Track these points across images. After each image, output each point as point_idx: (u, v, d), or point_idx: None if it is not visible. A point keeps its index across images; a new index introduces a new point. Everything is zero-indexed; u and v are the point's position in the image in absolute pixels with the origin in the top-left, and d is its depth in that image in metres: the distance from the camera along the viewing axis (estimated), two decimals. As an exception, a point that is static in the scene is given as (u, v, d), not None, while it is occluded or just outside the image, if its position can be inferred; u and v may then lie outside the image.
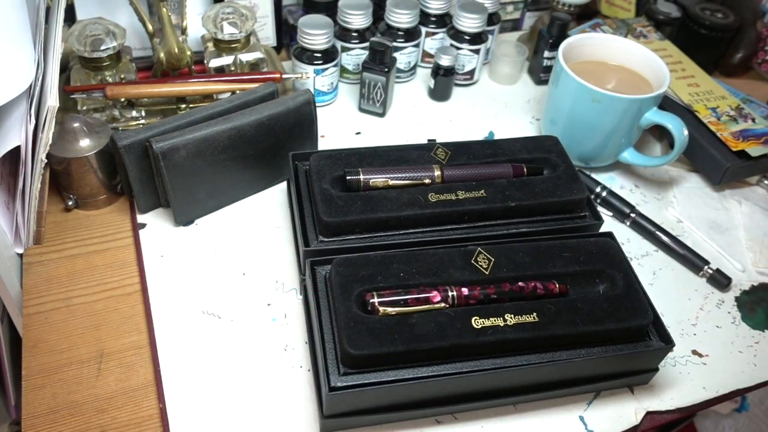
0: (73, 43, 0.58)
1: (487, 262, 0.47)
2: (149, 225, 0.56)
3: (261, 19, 0.72)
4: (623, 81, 0.65)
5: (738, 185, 0.68)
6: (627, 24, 0.78)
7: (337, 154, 0.54)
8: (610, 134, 0.62)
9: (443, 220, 0.51)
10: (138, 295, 0.51)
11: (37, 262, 0.53)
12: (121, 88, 0.58)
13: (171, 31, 0.61)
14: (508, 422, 0.46)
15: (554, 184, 0.53)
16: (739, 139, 0.65)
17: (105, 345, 0.48)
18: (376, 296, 0.43)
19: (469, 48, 0.73)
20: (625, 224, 0.62)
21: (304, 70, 0.67)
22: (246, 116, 0.54)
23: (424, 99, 0.75)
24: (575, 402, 0.48)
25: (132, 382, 0.46)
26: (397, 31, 0.72)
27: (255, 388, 0.46)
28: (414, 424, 0.45)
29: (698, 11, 0.80)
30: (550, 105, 0.66)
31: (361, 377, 0.41)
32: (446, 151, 0.55)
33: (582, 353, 0.44)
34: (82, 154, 0.53)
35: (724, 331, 0.54)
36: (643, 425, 0.47)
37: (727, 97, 0.70)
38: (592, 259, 0.48)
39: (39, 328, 0.49)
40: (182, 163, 0.52)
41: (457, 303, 0.44)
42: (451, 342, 0.42)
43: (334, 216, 0.49)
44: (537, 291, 0.46)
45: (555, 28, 0.74)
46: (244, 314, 0.51)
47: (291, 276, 0.54)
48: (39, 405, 0.44)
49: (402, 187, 0.52)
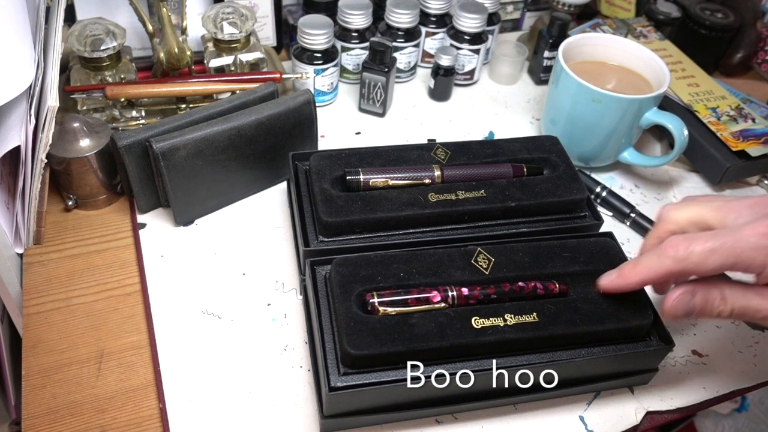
0: (73, 43, 0.58)
1: (487, 262, 0.47)
2: (149, 225, 0.56)
3: (261, 19, 0.72)
4: (623, 81, 0.65)
5: (738, 185, 0.68)
6: (627, 24, 0.78)
7: (337, 154, 0.54)
8: (610, 134, 0.62)
9: (443, 220, 0.51)
10: (138, 295, 0.51)
11: (37, 262, 0.53)
12: (121, 88, 0.58)
13: (171, 31, 0.61)
14: (508, 422, 0.46)
15: (554, 184, 0.53)
16: (739, 139, 0.65)
17: (105, 345, 0.48)
18: (376, 296, 0.43)
19: (469, 48, 0.73)
20: (625, 224, 0.62)
21: (304, 70, 0.67)
22: (246, 116, 0.54)
23: (424, 99, 0.75)
24: (575, 402, 0.48)
25: (132, 382, 0.46)
26: (397, 31, 0.72)
27: (255, 388, 0.46)
28: (414, 424, 0.45)
29: (698, 11, 0.80)
30: (550, 105, 0.66)
31: (361, 377, 0.41)
32: (446, 151, 0.55)
33: (582, 353, 0.44)
34: (82, 154, 0.53)
35: (724, 331, 0.54)
36: (643, 425, 0.47)
37: (727, 97, 0.70)
38: (592, 259, 0.48)
39: (39, 328, 0.49)
40: (182, 163, 0.52)
41: (457, 303, 0.44)
42: (451, 342, 0.42)
43: (334, 216, 0.49)
44: (537, 291, 0.46)
45: (555, 28, 0.74)
46: (244, 314, 0.51)
47: (291, 276, 0.54)
48: (39, 405, 0.44)
49: (402, 187, 0.52)
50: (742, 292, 0.39)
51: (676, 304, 0.39)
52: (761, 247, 0.36)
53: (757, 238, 0.36)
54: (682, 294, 0.39)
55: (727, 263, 0.37)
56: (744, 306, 0.39)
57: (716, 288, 0.39)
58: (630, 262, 0.42)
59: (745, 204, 0.39)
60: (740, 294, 0.39)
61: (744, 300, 0.39)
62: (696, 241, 0.37)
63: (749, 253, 0.36)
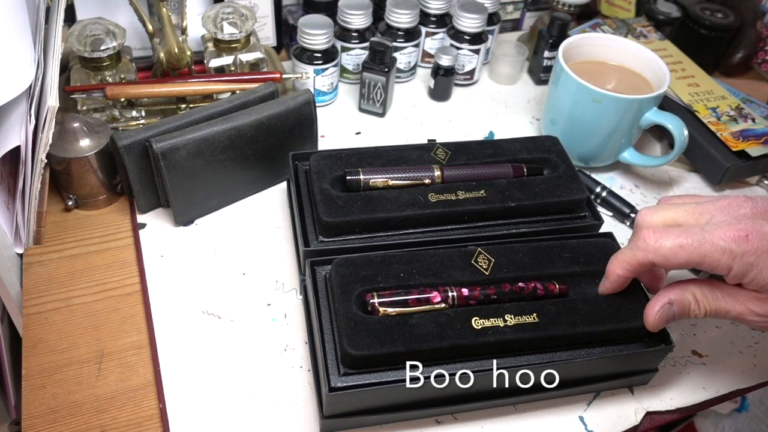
0: (73, 43, 0.58)
1: (487, 262, 0.47)
2: (149, 225, 0.56)
3: (261, 19, 0.72)
4: (623, 81, 0.65)
5: (738, 185, 0.68)
6: (627, 24, 0.78)
7: (337, 154, 0.54)
8: (610, 134, 0.62)
9: (443, 220, 0.51)
10: (138, 295, 0.51)
11: (37, 262, 0.53)
12: (121, 88, 0.58)
13: (171, 31, 0.61)
14: (508, 422, 0.46)
15: (554, 184, 0.53)
16: (739, 139, 0.65)
17: (105, 345, 0.48)
18: (376, 296, 0.43)
19: (469, 48, 0.73)
20: (625, 224, 0.62)
21: (304, 70, 0.67)
22: (246, 116, 0.54)
23: (424, 99, 0.75)
24: (575, 402, 0.48)
25: (132, 382, 0.46)
26: (397, 31, 0.72)
27: (255, 388, 0.46)
28: (414, 424, 0.45)
29: (698, 11, 0.80)
30: (550, 105, 0.66)
31: (362, 377, 0.41)
32: (446, 151, 0.55)
33: (582, 354, 0.44)
34: (82, 154, 0.53)
35: (723, 331, 0.54)
36: (643, 425, 0.47)
37: (727, 97, 0.70)
38: (592, 260, 0.48)
39: (39, 328, 0.49)
40: (182, 163, 0.52)
41: (458, 303, 0.44)
42: (451, 342, 0.42)
43: (334, 216, 0.49)
44: (537, 291, 0.46)
45: (555, 28, 0.74)
46: (244, 314, 0.51)
47: (291, 276, 0.54)
48: (39, 405, 0.44)
49: (402, 187, 0.52)
50: (712, 295, 0.40)
51: (659, 319, 0.42)
52: (727, 251, 0.37)
53: (725, 242, 0.37)
54: (662, 307, 0.41)
55: (693, 261, 0.38)
56: (715, 308, 0.40)
57: (689, 292, 0.41)
58: (611, 259, 0.44)
59: (718, 206, 0.40)
60: (711, 296, 0.40)
61: (714, 303, 0.40)
62: (666, 236, 0.39)
63: (716, 254, 0.37)
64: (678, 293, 0.41)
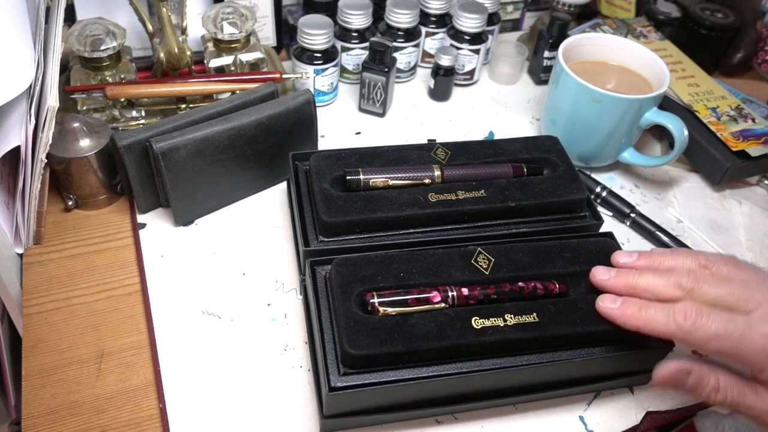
0: (73, 43, 0.58)
1: (487, 262, 0.47)
2: (149, 225, 0.56)
3: (261, 19, 0.72)
4: (623, 81, 0.65)
5: (738, 185, 0.68)
6: (627, 24, 0.78)
7: (337, 154, 0.54)
8: (610, 134, 0.62)
9: (443, 220, 0.51)
10: (138, 295, 0.51)
11: (37, 262, 0.53)
12: (121, 88, 0.58)
13: (171, 31, 0.61)
14: (508, 422, 0.46)
15: (554, 184, 0.53)
16: (739, 139, 0.65)
17: (105, 345, 0.48)
18: (376, 296, 0.43)
19: (469, 48, 0.73)
20: (625, 224, 0.62)
21: (304, 70, 0.67)
22: (246, 116, 0.54)
23: (424, 99, 0.75)
24: (575, 402, 0.48)
25: (132, 382, 0.46)
26: (397, 31, 0.72)
27: (255, 388, 0.46)
28: (414, 424, 0.45)
29: (698, 11, 0.80)
30: (550, 105, 0.66)
31: (361, 377, 0.41)
32: (446, 151, 0.55)
33: (582, 353, 0.44)
34: (82, 154, 0.53)
35: (724, 331, 0.54)
36: (643, 425, 0.47)
37: (727, 97, 0.70)
38: (592, 260, 0.48)
39: (39, 328, 0.49)
40: (182, 163, 0.52)
41: (457, 303, 0.44)
42: (451, 342, 0.42)
43: (334, 216, 0.49)
44: (537, 291, 0.46)
45: (555, 28, 0.74)
46: (244, 314, 0.51)
47: (291, 276, 0.54)
48: (39, 405, 0.44)
49: (402, 187, 0.52)
50: (738, 387, 0.38)
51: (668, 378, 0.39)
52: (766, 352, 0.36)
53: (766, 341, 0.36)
54: (677, 371, 0.39)
55: (728, 353, 0.37)
56: (737, 401, 0.38)
57: (714, 375, 0.38)
58: (635, 304, 0.41)
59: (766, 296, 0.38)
60: (737, 390, 0.38)
61: (739, 396, 0.38)
62: (706, 320, 0.37)
63: (753, 354, 0.36)
64: (703, 370, 0.38)
